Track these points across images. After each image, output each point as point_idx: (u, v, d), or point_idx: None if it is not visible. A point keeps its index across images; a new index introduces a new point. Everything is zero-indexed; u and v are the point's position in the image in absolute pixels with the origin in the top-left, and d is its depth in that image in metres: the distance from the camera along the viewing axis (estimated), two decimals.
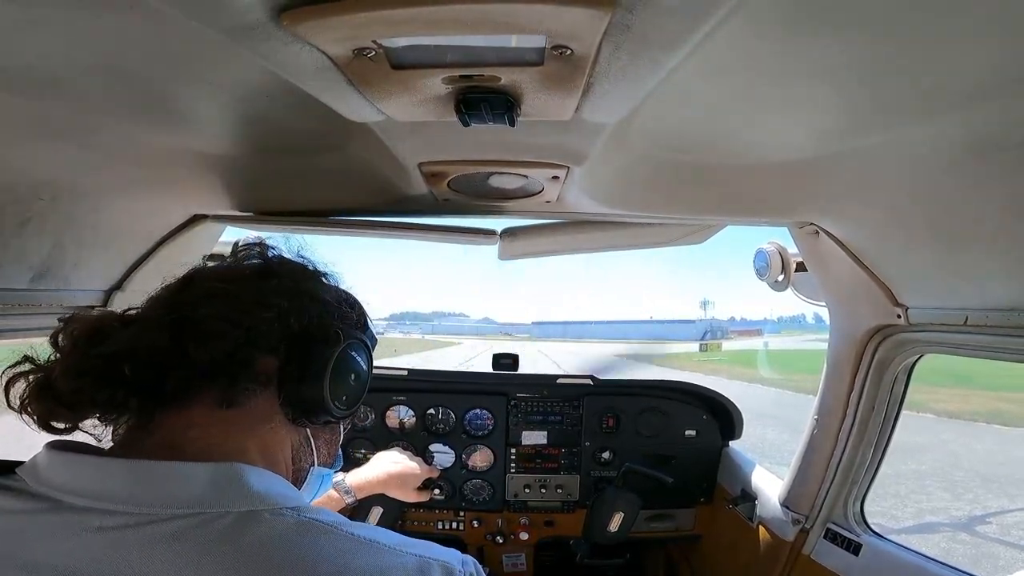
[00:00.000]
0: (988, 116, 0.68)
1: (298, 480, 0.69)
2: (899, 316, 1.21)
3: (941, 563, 1.26)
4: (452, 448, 2.02)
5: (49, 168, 0.91)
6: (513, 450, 2.04)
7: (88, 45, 0.59)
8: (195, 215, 1.34)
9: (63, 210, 1.00)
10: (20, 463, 0.57)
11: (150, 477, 0.52)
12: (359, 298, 0.77)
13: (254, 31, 0.52)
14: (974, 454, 9.91)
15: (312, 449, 0.71)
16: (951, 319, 1.08)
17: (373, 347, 0.76)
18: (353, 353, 0.69)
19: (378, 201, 1.25)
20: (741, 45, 0.58)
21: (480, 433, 2.05)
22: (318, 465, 0.73)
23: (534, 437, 2.05)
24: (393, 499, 1.68)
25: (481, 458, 2.04)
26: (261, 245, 0.71)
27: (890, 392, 1.39)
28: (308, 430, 0.69)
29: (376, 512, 1.70)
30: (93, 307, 1.27)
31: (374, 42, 0.54)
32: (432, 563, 0.55)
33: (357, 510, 1.65)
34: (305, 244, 0.75)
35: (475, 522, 2.04)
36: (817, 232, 1.27)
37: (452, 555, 0.58)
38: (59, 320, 0.61)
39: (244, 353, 0.59)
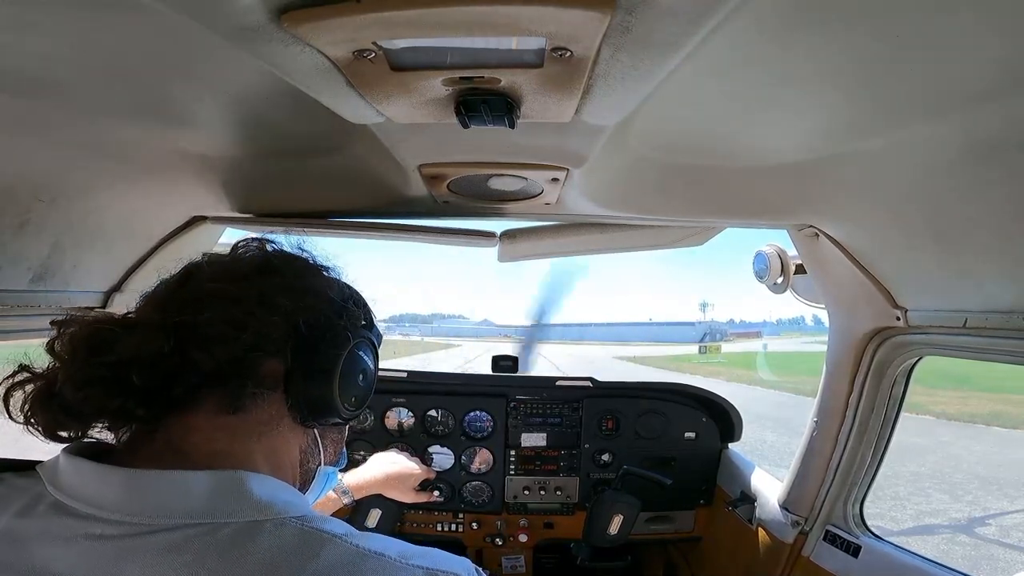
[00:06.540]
0: (988, 118, 0.68)
1: (305, 481, 0.68)
2: (898, 318, 1.21)
3: (940, 565, 1.26)
4: (451, 450, 2.02)
5: (48, 169, 0.91)
6: (512, 452, 2.04)
7: (88, 47, 0.59)
8: (195, 216, 1.34)
9: (62, 211, 0.99)
10: (38, 461, 0.56)
11: (146, 486, 0.51)
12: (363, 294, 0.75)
13: (255, 33, 0.52)
14: (973, 456, 9.91)
15: (320, 449, 0.70)
16: (950, 321, 1.08)
17: (379, 344, 0.75)
18: (360, 352, 0.68)
19: (378, 203, 1.25)
20: (740, 48, 0.58)
21: (479, 435, 2.04)
22: (324, 464, 0.73)
23: (533, 439, 2.05)
24: (392, 501, 1.67)
25: (480, 460, 2.04)
26: (260, 240, 0.69)
27: (889, 394, 1.39)
28: (316, 431, 0.69)
29: (375, 514, 1.70)
30: (92, 308, 1.27)
31: (374, 44, 0.54)
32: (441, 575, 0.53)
33: (355, 511, 1.65)
34: (305, 239, 0.73)
35: (474, 524, 2.04)
36: (816, 235, 1.27)
37: (461, 565, 0.56)
38: (51, 323, 0.58)
39: (250, 357, 0.58)
